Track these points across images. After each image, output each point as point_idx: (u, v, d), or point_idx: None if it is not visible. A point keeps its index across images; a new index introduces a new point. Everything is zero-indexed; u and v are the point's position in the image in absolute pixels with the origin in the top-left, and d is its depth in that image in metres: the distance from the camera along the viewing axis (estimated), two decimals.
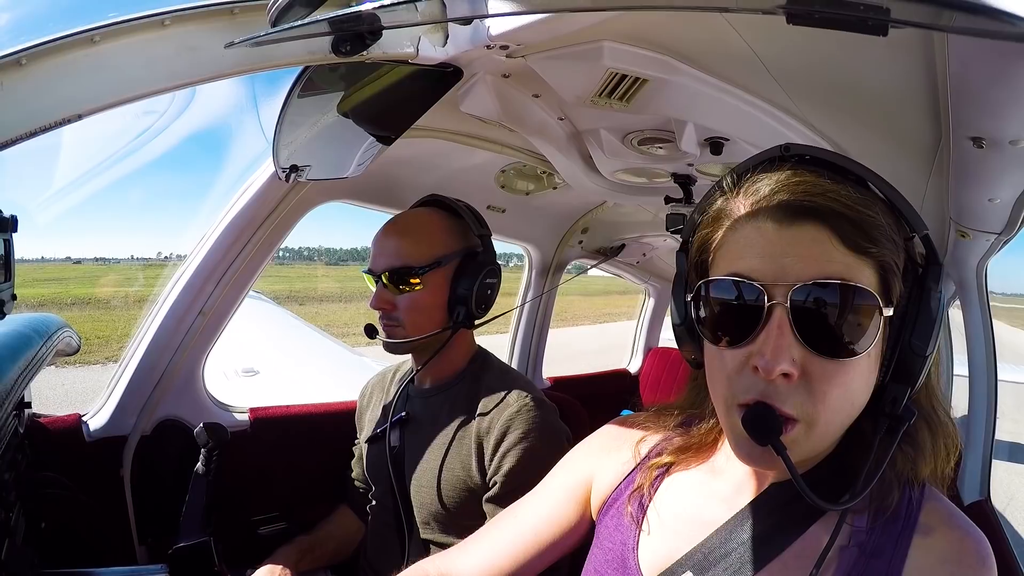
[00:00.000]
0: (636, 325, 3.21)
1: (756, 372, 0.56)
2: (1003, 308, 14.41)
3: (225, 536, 1.30)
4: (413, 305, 1.23)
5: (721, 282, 0.60)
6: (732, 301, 0.59)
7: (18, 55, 0.69)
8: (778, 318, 0.56)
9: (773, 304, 0.56)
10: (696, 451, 0.74)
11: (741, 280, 0.58)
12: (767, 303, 0.56)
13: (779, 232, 0.58)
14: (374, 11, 0.69)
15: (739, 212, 0.61)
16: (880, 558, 0.59)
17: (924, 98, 0.91)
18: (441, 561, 0.86)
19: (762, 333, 0.57)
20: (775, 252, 0.57)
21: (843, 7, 0.46)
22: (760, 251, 0.58)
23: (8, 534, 1.02)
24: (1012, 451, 5.64)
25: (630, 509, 0.74)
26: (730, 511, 0.67)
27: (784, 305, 0.56)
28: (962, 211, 1.21)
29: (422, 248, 1.23)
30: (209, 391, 1.65)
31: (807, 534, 0.63)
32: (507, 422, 1.17)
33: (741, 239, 0.60)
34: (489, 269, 1.27)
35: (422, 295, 1.22)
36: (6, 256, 0.91)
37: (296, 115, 1.06)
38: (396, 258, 1.22)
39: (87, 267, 40.41)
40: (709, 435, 0.74)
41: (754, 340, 0.57)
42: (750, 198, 0.61)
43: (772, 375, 0.55)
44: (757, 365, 0.56)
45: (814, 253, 0.56)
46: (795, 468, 0.56)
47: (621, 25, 0.90)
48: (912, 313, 0.58)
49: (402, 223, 1.28)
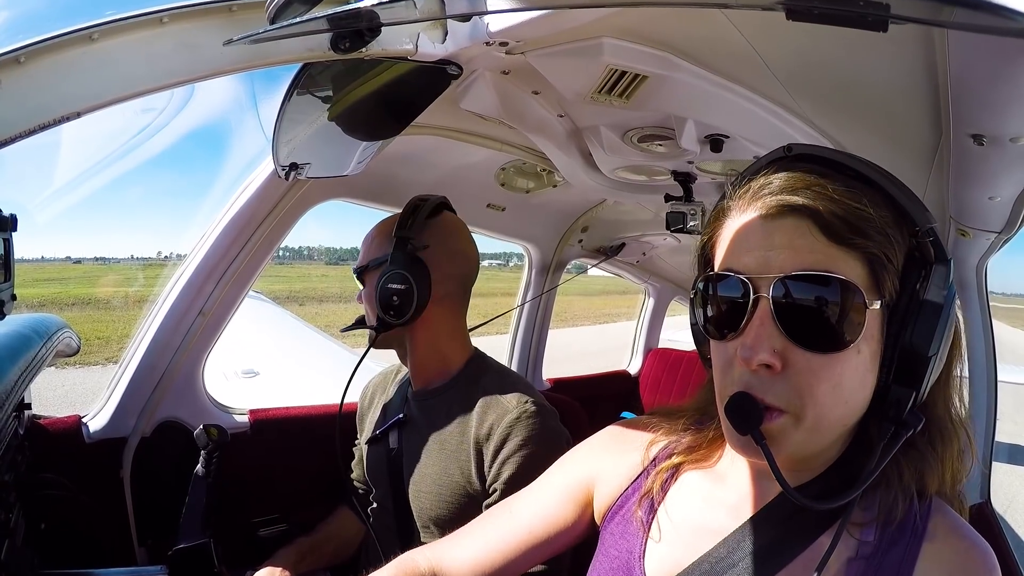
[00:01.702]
0: (636, 325, 3.22)
1: (742, 364, 0.58)
2: (1003, 308, 14.42)
3: (225, 537, 1.30)
4: (368, 300, 1.31)
5: (714, 277, 0.63)
6: (724, 295, 0.61)
7: (17, 53, 0.68)
8: (762, 310, 0.58)
9: (758, 296, 0.58)
10: (706, 449, 0.74)
11: (730, 274, 0.61)
12: (752, 295, 0.58)
13: (763, 226, 0.60)
14: (373, 8, 0.69)
15: (733, 210, 0.64)
16: (887, 570, 0.59)
17: (924, 95, 0.91)
18: (431, 552, 0.85)
19: (748, 325, 0.58)
20: (761, 245, 0.59)
21: (842, 3, 0.46)
22: (748, 245, 0.61)
23: (8, 534, 1.02)
24: (1012, 453, 5.64)
25: (639, 513, 0.73)
26: (737, 520, 0.66)
27: (767, 297, 0.57)
28: (962, 209, 1.21)
29: (370, 250, 1.32)
30: (209, 392, 1.65)
31: (815, 545, 0.62)
32: (507, 428, 1.15)
33: (733, 235, 0.63)
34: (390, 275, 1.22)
35: (367, 292, 1.31)
36: (6, 256, 0.91)
37: (295, 112, 1.06)
38: (360, 257, 1.34)
39: (87, 267, 40.43)
40: (718, 432, 0.74)
41: (741, 332, 0.59)
42: (743, 196, 0.63)
43: (752, 364, 0.57)
44: (741, 356, 0.58)
45: (796, 244, 0.57)
46: (773, 458, 0.56)
47: (621, 21, 0.90)
48: (912, 310, 0.57)
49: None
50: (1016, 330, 14.77)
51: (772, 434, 0.57)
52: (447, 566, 0.82)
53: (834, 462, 0.63)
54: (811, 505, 0.57)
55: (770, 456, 0.56)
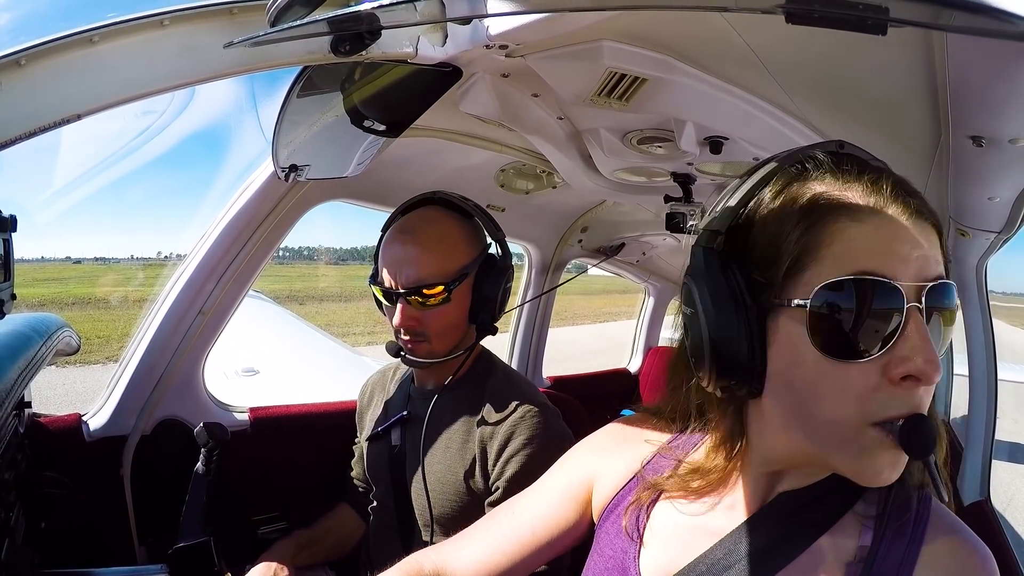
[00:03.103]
0: (636, 324, 3.21)
1: (901, 383, 0.51)
2: (1003, 307, 14.42)
3: (225, 536, 1.30)
4: (442, 320, 1.20)
5: (847, 282, 0.52)
6: (862, 305, 0.52)
7: (17, 55, 0.69)
8: (917, 320, 0.52)
9: (911, 306, 0.52)
10: (708, 483, 0.68)
11: (876, 279, 0.51)
12: (906, 304, 0.51)
13: (911, 227, 0.54)
14: (373, 11, 0.69)
15: (855, 200, 0.55)
16: (886, 574, 0.58)
17: (923, 97, 0.91)
18: (436, 554, 0.85)
19: (902, 338, 0.51)
20: (909, 249, 0.53)
21: (842, 6, 0.46)
22: (900, 248, 0.53)
23: (8, 534, 1.02)
24: (1012, 451, 5.63)
25: (635, 513, 0.72)
26: (736, 520, 0.65)
27: (919, 307, 0.52)
28: (962, 210, 1.22)
29: (447, 261, 1.18)
30: (209, 391, 1.65)
31: (815, 546, 0.61)
32: (511, 428, 1.16)
33: (864, 232, 0.53)
34: (509, 272, 1.26)
35: (450, 309, 1.19)
36: (6, 256, 0.91)
37: (295, 115, 1.06)
38: (421, 274, 1.17)
39: (87, 267, 40.38)
40: (730, 467, 0.66)
41: (893, 347, 0.52)
42: (869, 191, 0.55)
43: (933, 380, 0.51)
44: (910, 372, 0.51)
45: (934, 253, 0.55)
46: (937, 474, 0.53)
47: (620, 24, 0.90)
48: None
49: (421, 235, 1.20)
50: (1016, 329, 14.76)
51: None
52: (452, 569, 0.82)
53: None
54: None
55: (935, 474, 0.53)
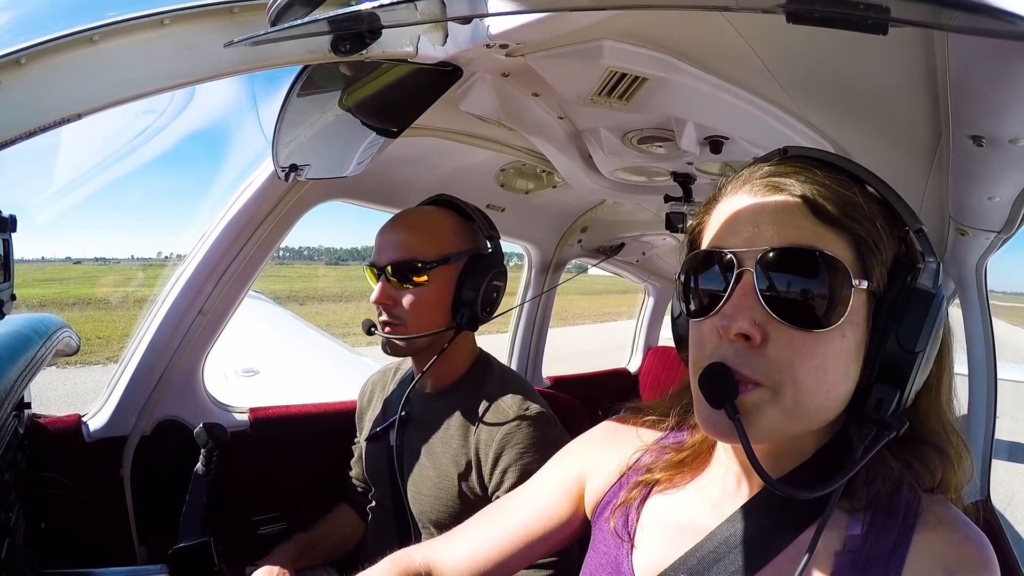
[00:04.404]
0: (636, 324, 3.22)
1: (720, 334, 0.58)
2: (1003, 307, 14.44)
3: (225, 536, 1.30)
4: (417, 302, 1.19)
5: (698, 255, 0.63)
6: (708, 272, 0.61)
7: (17, 55, 0.69)
8: (745, 283, 0.57)
9: (742, 271, 0.58)
10: (691, 465, 0.72)
11: (714, 250, 0.60)
12: (736, 269, 0.58)
13: (752, 204, 0.60)
14: (373, 10, 0.69)
15: (723, 196, 0.65)
16: (877, 564, 0.58)
17: (924, 96, 0.91)
18: (427, 549, 0.85)
19: (729, 298, 0.58)
20: (748, 222, 0.59)
21: (843, 6, 0.46)
22: (735, 224, 0.61)
23: (8, 534, 1.02)
24: (1012, 450, 5.65)
25: (627, 510, 0.73)
26: (723, 514, 0.66)
27: (751, 270, 0.57)
28: (962, 209, 1.22)
29: (430, 243, 1.20)
30: (209, 391, 1.65)
31: (801, 538, 0.61)
32: (505, 436, 1.15)
33: (720, 217, 0.64)
34: (496, 271, 1.25)
35: (427, 292, 1.19)
36: (5, 256, 0.91)
37: (295, 114, 1.06)
38: (402, 251, 1.19)
39: (87, 267, 40.41)
40: (704, 444, 0.73)
41: (723, 306, 0.58)
42: (734, 183, 0.65)
43: (729, 333, 0.56)
44: (719, 326, 0.57)
45: (782, 221, 0.58)
46: (747, 435, 0.55)
47: (621, 24, 0.90)
48: (900, 302, 0.57)
49: (411, 218, 1.26)
50: (1016, 328, 14.78)
51: (746, 408, 0.56)
52: (442, 562, 0.82)
53: (812, 456, 0.62)
54: (790, 493, 0.56)
55: (742, 431, 0.55)
